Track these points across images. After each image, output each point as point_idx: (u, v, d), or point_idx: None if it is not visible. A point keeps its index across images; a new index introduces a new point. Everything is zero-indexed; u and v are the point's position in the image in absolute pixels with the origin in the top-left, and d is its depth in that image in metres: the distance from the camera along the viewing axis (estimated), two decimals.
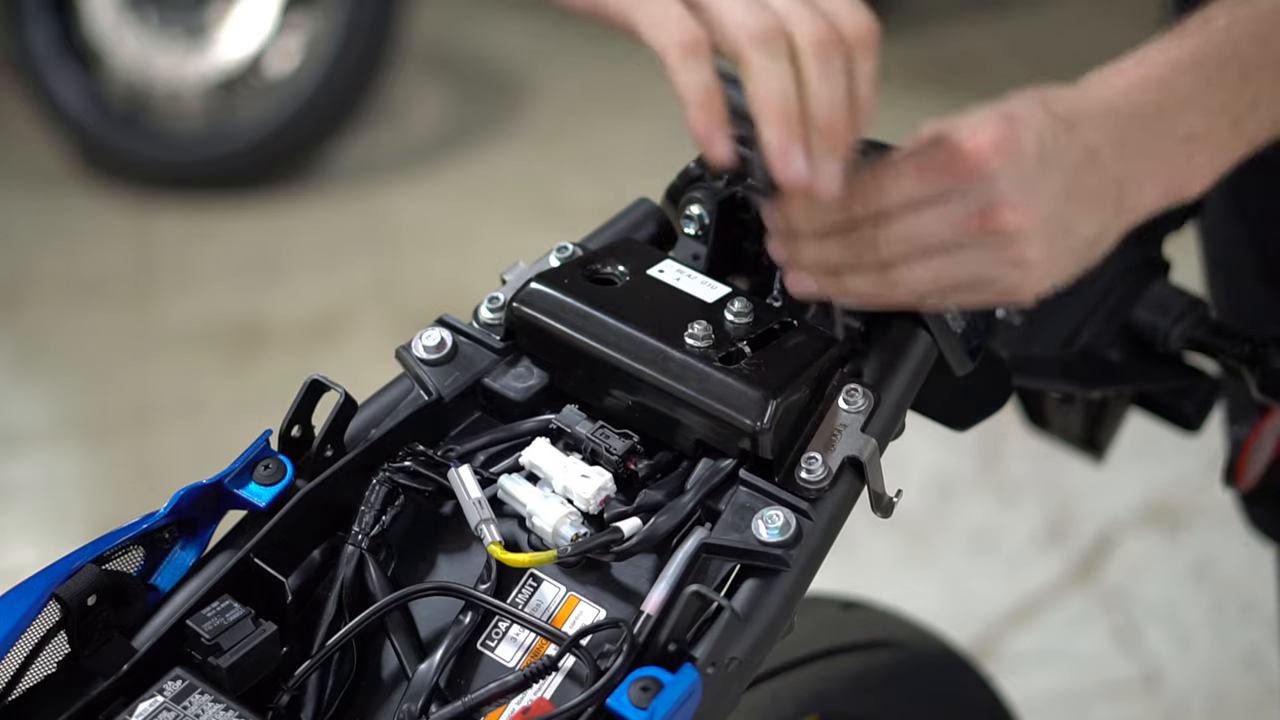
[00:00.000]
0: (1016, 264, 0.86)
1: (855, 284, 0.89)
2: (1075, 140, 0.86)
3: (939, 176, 0.85)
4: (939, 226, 0.85)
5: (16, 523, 2.69)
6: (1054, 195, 0.85)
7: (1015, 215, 0.84)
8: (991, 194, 0.84)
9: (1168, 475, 2.62)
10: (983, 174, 0.84)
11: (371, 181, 3.40)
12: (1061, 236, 0.86)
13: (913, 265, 0.87)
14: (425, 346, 1.03)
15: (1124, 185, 0.88)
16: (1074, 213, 0.86)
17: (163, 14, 3.36)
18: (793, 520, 0.92)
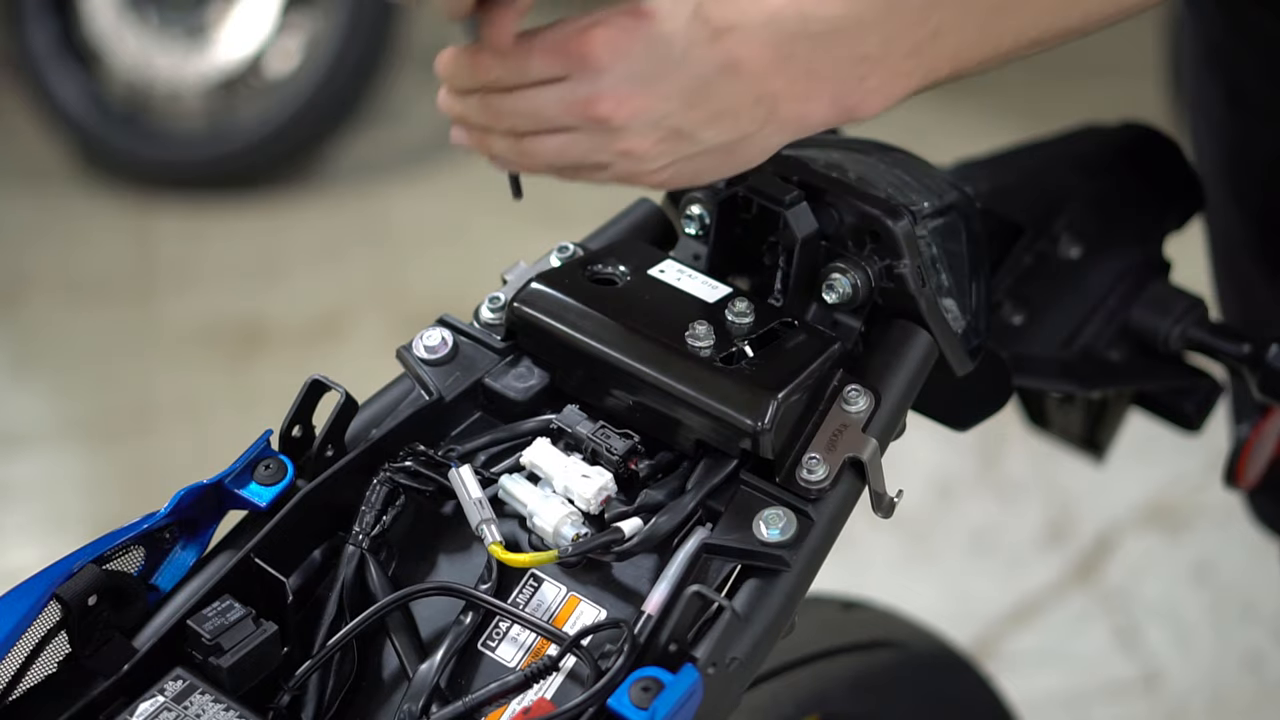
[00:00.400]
0: (624, 154, 0.89)
1: (496, 146, 0.93)
2: (716, 49, 0.87)
3: (555, 59, 0.87)
4: (552, 106, 0.88)
5: (16, 523, 2.69)
6: (666, 98, 0.87)
7: (613, 108, 0.87)
8: (597, 84, 0.87)
9: (1168, 475, 2.62)
10: (591, 64, 0.86)
11: (371, 181, 3.40)
12: (678, 138, 0.88)
13: (540, 139, 0.90)
14: (426, 346, 1.03)
15: (778, 99, 0.89)
16: (694, 118, 0.88)
17: (163, 14, 3.36)
18: (793, 520, 0.92)
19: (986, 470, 2.65)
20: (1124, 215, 1.26)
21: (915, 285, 1.01)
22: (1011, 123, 2.42)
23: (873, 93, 0.91)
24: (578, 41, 0.87)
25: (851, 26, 0.89)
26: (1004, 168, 1.27)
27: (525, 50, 0.88)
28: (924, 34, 0.90)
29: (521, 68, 0.88)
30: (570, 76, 0.87)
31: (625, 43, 0.86)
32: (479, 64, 0.90)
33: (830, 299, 1.02)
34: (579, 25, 0.87)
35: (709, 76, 0.87)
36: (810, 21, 0.88)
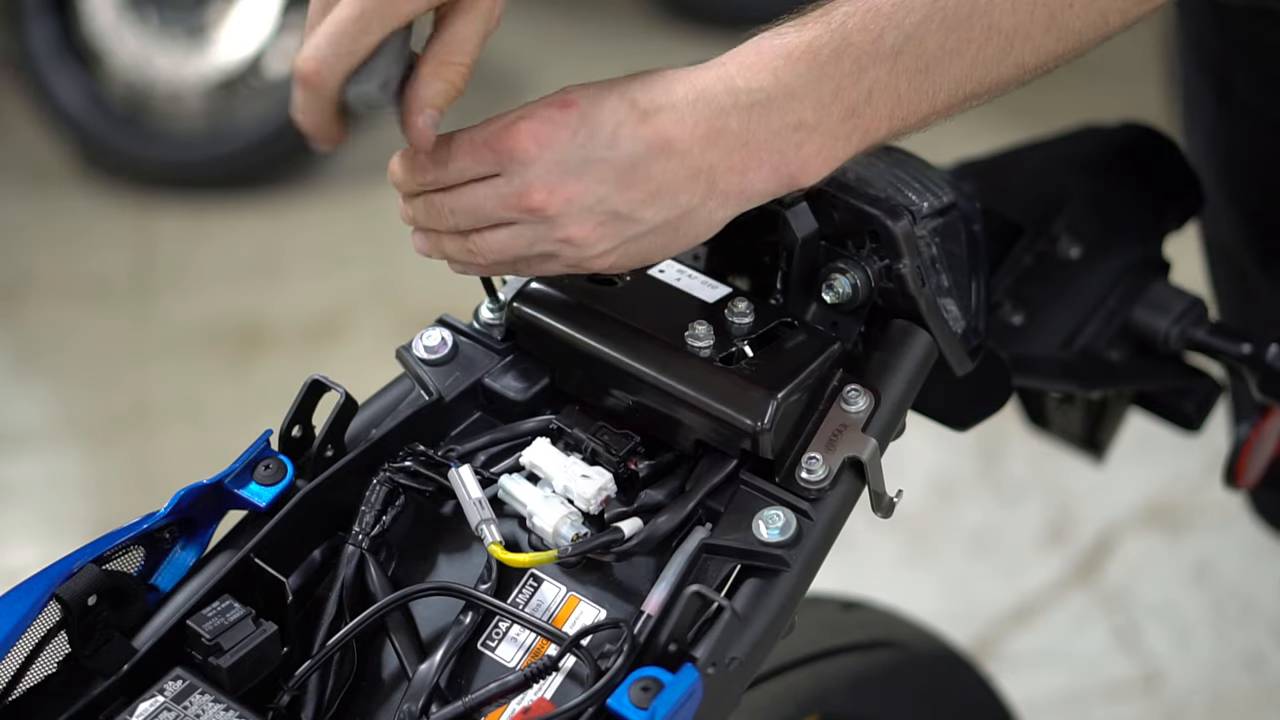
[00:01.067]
0: (565, 242, 0.90)
1: (446, 247, 0.94)
2: (644, 130, 0.88)
3: (485, 155, 0.89)
4: (489, 202, 0.89)
5: (16, 523, 2.69)
6: (600, 182, 0.88)
7: (545, 198, 0.88)
8: (528, 176, 0.88)
9: (1168, 475, 2.62)
10: (519, 157, 0.88)
11: (371, 181, 3.40)
12: (617, 220, 0.89)
13: (483, 235, 0.91)
14: (426, 346, 1.03)
15: (716, 172, 0.89)
16: (631, 199, 0.88)
17: (163, 14, 3.36)
18: (793, 520, 0.92)
19: (986, 470, 2.65)
20: (1124, 215, 1.26)
21: (915, 285, 1.01)
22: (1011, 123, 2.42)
23: (812, 158, 0.91)
24: (504, 136, 0.88)
25: (781, 96, 0.89)
26: (1004, 168, 1.27)
27: (456, 149, 0.90)
28: (857, 96, 0.90)
29: (454, 167, 0.90)
30: (502, 171, 0.89)
31: (550, 132, 0.87)
32: (415, 166, 0.93)
33: (830, 299, 1.02)
34: (505, 120, 0.88)
35: (641, 156, 0.88)
36: (739, 94, 0.89)
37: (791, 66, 0.89)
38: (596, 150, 0.88)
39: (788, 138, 0.90)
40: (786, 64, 0.89)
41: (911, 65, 0.90)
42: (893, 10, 0.90)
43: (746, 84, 0.89)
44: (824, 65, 0.89)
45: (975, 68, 0.92)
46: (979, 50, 0.91)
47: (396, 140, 0.95)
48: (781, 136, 0.90)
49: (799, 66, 0.89)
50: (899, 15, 0.89)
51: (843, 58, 0.89)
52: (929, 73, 0.91)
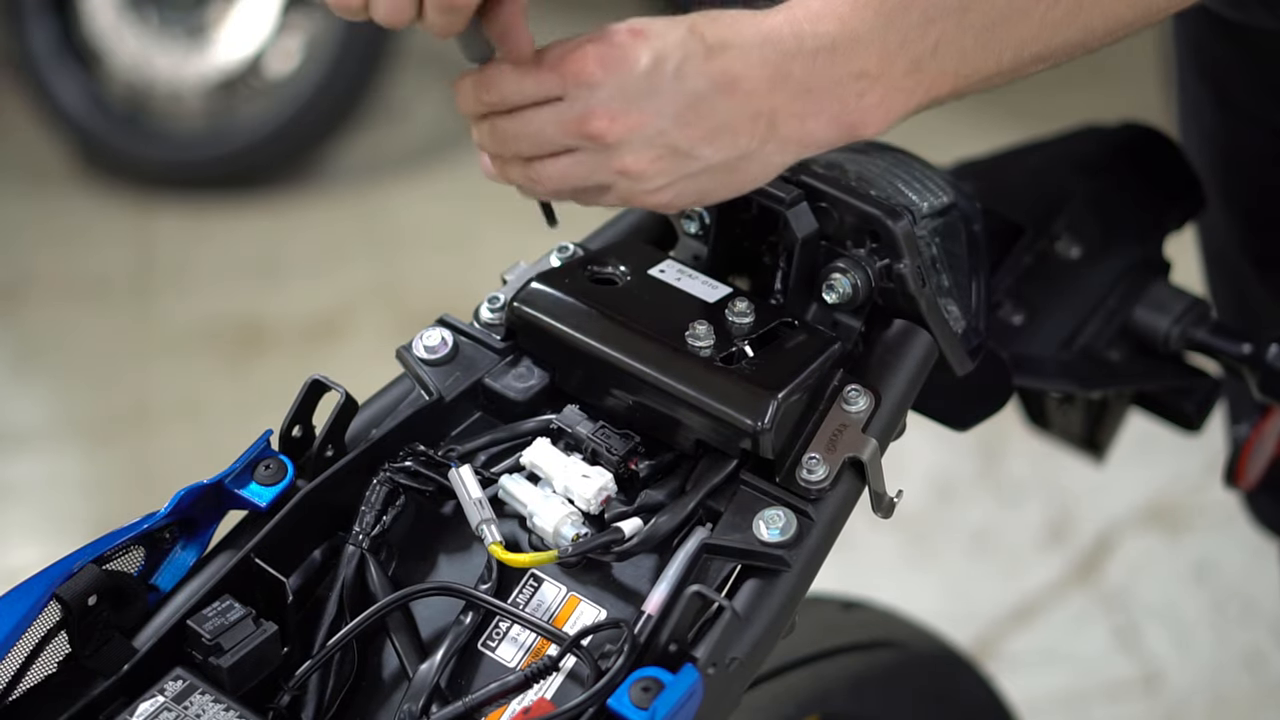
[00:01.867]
0: (623, 174, 0.89)
1: (510, 173, 0.93)
2: (712, 66, 0.87)
3: (550, 78, 0.88)
4: (550, 127, 0.88)
5: (17, 523, 2.69)
6: (660, 115, 0.87)
7: (606, 125, 0.87)
8: (591, 101, 0.87)
9: (1168, 475, 2.62)
10: (584, 80, 0.86)
11: (371, 181, 3.40)
12: (675, 156, 0.88)
13: (544, 163, 0.90)
14: (426, 347, 1.03)
15: (777, 116, 0.88)
16: (690, 136, 0.88)
17: (163, 14, 3.36)
18: (793, 520, 0.92)
19: (986, 470, 2.65)
20: (1124, 215, 1.26)
21: (915, 285, 1.01)
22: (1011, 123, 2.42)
23: (873, 109, 0.90)
24: (570, 59, 0.87)
25: (847, 43, 0.88)
26: (1004, 168, 1.27)
27: (521, 70, 0.88)
28: (923, 49, 0.89)
29: (517, 88, 0.88)
30: (565, 95, 0.87)
31: (617, 59, 0.86)
32: (480, 86, 0.90)
33: (830, 299, 1.02)
34: (573, 43, 0.87)
35: (704, 93, 0.87)
36: (805, 39, 0.88)
37: (858, 14, 0.88)
38: (661, 82, 0.86)
39: (850, 86, 0.89)
40: (853, 11, 0.88)
41: (978, 21, 0.90)
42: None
43: (813, 29, 0.88)
44: (891, 14, 0.88)
45: (1043, 29, 0.91)
46: (1048, 10, 0.91)
47: (397, 139, 0.95)
48: (844, 85, 0.89)
49: (865, 14, 0.88)
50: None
51: (910, 8, 0.89)
52: (995, 30, 0.90)
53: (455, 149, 3.50)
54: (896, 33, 0.89)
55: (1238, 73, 1.34)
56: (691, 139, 0.88)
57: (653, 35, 0.87)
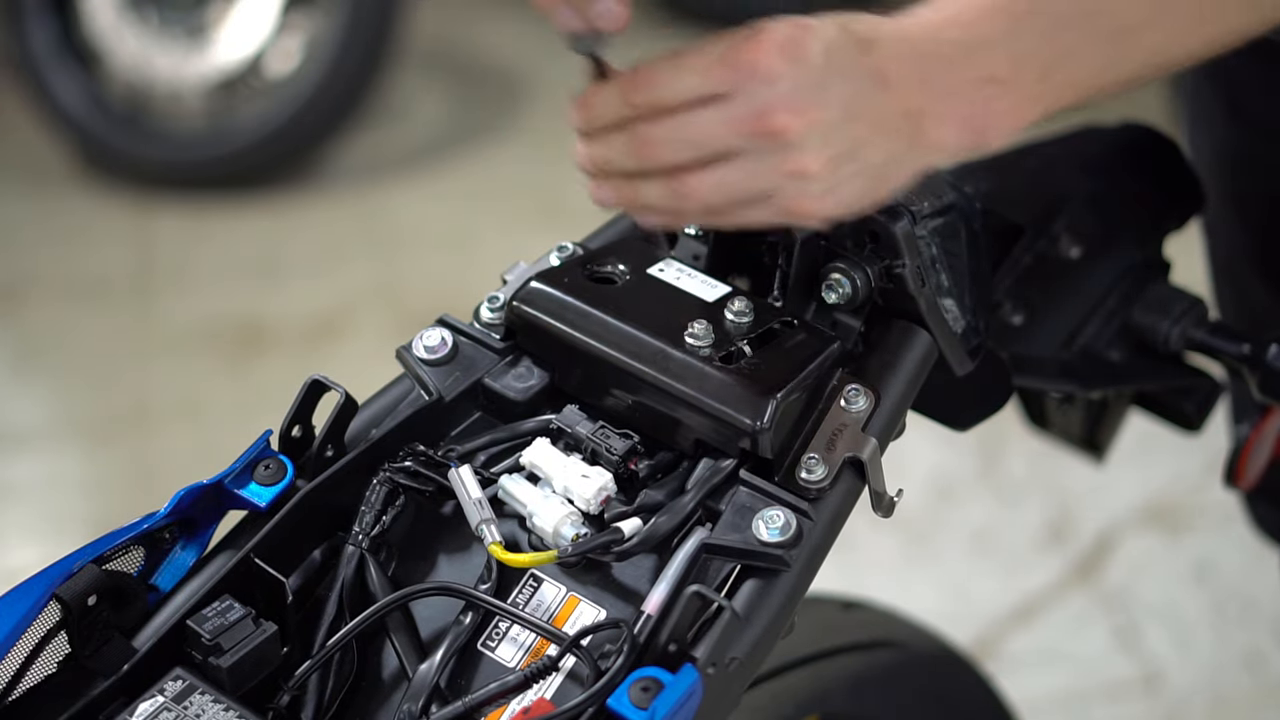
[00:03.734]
0: (795, 175, 0.85)
1: (647, 193, 0.88)
2: (867, 61, 0.85)
3: (718, 72, 0.83)
4: (716, 127, 0.84)
5: (17, 523, 2.69)
6: (836, 107, 0.84)
7: (791, 119, 0.83)
8: (770, 95, 0.83)
9: (1168, 475, 2.62)
10: (762, 73, 0.83)
11: (371, 181, 3.40)
12: (844, 155, 0.86)
13: (697, 173, 0.86)
14: (426, 347, 1.03)
15: (922, 117, 0.87)
16: (860, 133, 0.86)
17: (163, 14, 3.36)
18: (793, 520, 0.92)
19: (986, 470, 2.65)
20: (1124, 215, 1.26)
21: (915, 285, 1.01)
22: None
23: (1002, 115, 0.89)
24: (745, 50, 0.83)
25: (979, 47, 0.87)
26: (1004, 168, 1.27)
27: (680, 66, 0.84)
28: (1051, 56, 0.89)
29: (680, 84, 0.84)
30: (735, 92, 0.83)
31: (796, 49, 0.83)
32: (630, 86, 0.85)
33: (830, 299, 1.02)
34: (740, 37, 0.83)
35: (864, 88, 0.85)
36: (940, 43, 0.87)
37: (989, 19, 0.88)
38: (832, 74, 0.84)
39: (981, 89, 0.88)
40: (983, 16, 0.88)
41: (1106, 28, 0.89)
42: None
43: (944, 33, 0.87)
44: (1021, 20, 0.88)
45: (1169, 38, 0.91)
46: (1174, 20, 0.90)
47: (397, 139, 0.94)
48: (976, 88, 0.88)
49: (996, 19, 0.88)
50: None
51: (1040, 14, 0.88)
52: (1123, 39, 0.90)
53: (455, 149, 3.50)
54: (1027, 39, 0.88)
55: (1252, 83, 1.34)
56: (857, 136, 0.85)
57: (814, 28, 0.84)
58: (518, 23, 3.92)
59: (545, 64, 3.78)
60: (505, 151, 3.49)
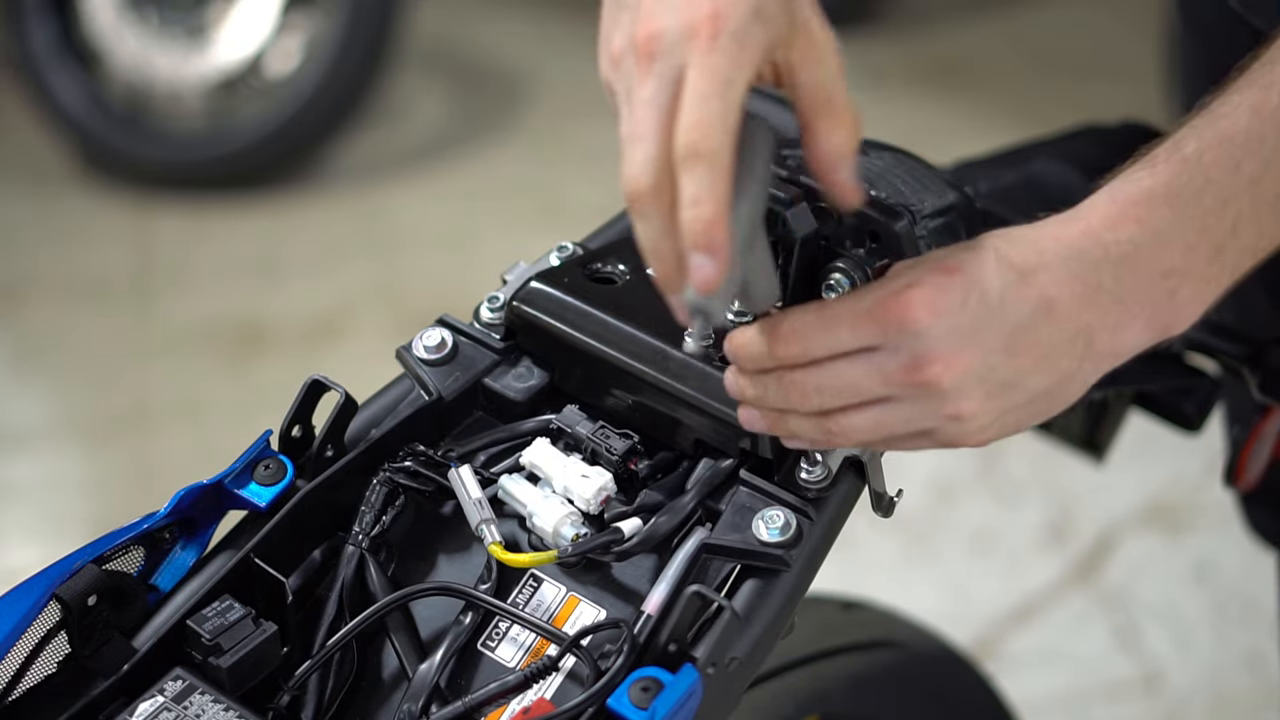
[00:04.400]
0: (952, 418, 0.85)
1: (797, 427, 0.88)
2: (1028, 292, 0.84)
3: (866, 328, 0.83)
4: (867, 378, 0.84)
5: (17, 523, 2.69)
6: (991, 350, 0.83)
7: (944, 370, 0.83)
8: (920, 347, 0.82)
9: (1168, 475, 2.62)
10: (910, 328, 0.82)
11: (371, 181, 3.40)
12: (1003, 391, 0.85)
13: (849, 414, 0.86)
14: (426, 346, 1.03)
15: (1093, 332, 0.86)
16: (1019, 366, 0.84)
17: (163, 14, 3.36)
18: (793, 520, 0.92)
19: (986, 470, 2.65)
20: None
21: None
22: (1011, 123, 2.42)
23: (1185, 305, 0.87)
24: (892, 306, 0.82)
25: (1150, 243, 0.85)
26: (1004, 168, 1.27)
27: (828, 321, 0.83)
28: (1222, 233, 0.86)
29: (825, 340, 0.83)
30: (884, 344, 0.83)
31: (943, 299, 0.82)
32: (778, 339, 0.85)
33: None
34: (887, 289, 0.83)
35: (1027, 320, 0.83)
36: (1108, 247, 0.85)
37: (1155, 212, 0.85)
38: (985, 316, 0.82)
39: (1159, 285, 0.86)
40: (1148, 210, 0.86)
41: (1271, 190, 0.87)
42: (1245, 139, 0.86)
43: (1114, 236, 0.85)
44: (1187, 205, 0.86)
45: None
46: None
47: (397, 139, 0.93)
48: (1153, 285, 0.86)
49: (1162, 211, 0.86)
50: (1253, 143, 0.86)
51: (1204, 195, 0.86)
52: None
53: (455, 149, 3.50)
54: (1195, 222, 0.86)
55: None
56: (1019, 370, 0.84)
57: (966, 268, 0.83)
58: (518, 23, 3.92)
59: (545, 64, 3.78)
60: (505, 151, 3.49)
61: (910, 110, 3.42)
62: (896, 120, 0.93)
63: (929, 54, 3.70)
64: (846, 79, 0.82)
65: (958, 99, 3.45)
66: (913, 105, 3.47)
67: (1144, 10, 3.50)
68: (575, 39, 3.86)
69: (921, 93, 3.51)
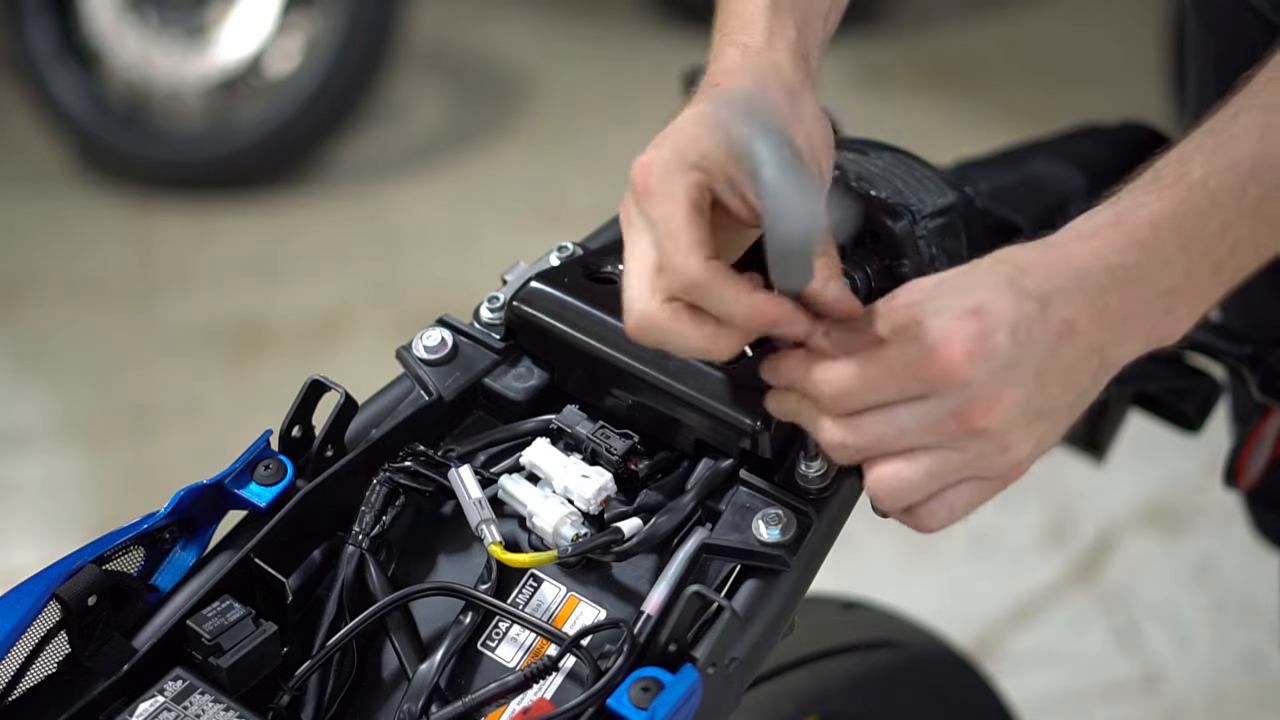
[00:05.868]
0: (1004, 451, 0.87)
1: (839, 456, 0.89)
2: (1049, 319, 0.86)
3: (909, 383, 0.85)
4: (914, 427, 0.85)
5: (17, 523, 2.69)
6: (1029, 381, 0.85)
7: (990, 415, 0.85)
8: (966, 396, 0.84)
9: (1168, 475, 2.62)
10: (952, 380, 0.84)
11: (372, 181, 3.40)
12: (1038, 418, 0.87)
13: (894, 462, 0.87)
14: (426, 347, 1.03)
15: (1104, 348, 0.88)
16: (1050, 391, 0.87)
17: (163, 14, 3.36)
18: (793, 520, 0.92)
19: None
20: None
21: None
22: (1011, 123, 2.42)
23: (1181, 320, 0.90)
24: (933, 362, 0.84)
25: (1156, 267, 0.88)
26: (1004, 168, 1.27)
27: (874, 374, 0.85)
28: (1222, 253, 0.89)
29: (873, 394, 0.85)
30: (928, 395, 0.84)
31: (979, 348, 0.84)
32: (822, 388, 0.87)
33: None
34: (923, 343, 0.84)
35: (1051, 347, 0.86)
36: (1115, 270, 0.87)
37: (1159, 236, 0.88)
38: (1017, 352, 0.85)
39: (1159, 303, 0.89)
40: (1154, 234, 0.88)
41: (1272, 213, 0.89)
42: (1253, 165, 0.88)
43: (1121, 260, 0.87)
44: (1192, 231, 0.88)
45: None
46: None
47: (397, 139, 0.94)
48: (1154, 304, 0.88)
49: (1166, 235, 0.88)
50: (1260, 169, 0.88)
51: (1209, 219, 0.88)
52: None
53: (455, 149, 3.50)
54: (1199, 245, 0.88)
55: None
56: (1051, 396, 0.87)
57: (990, 307, 0.85)
58: (517, 23, 3.92)
59: (545, 64, 3.78)
60: (505, 151, 3.49)
61: (910, 110, 3.42)
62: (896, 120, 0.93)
63: (929, 54, 3.70)
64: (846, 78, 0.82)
65: (958, 99, 3.45)
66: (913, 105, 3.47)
67: (1144, 10, 3.50)
68: (575, 40, 3.87)
69: (921, 93, 3.51)
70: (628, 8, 3.95)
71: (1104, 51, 3.72)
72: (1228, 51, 1.35)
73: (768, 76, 0.93)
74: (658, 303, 0.87)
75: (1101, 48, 3.74)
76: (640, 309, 0.87)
